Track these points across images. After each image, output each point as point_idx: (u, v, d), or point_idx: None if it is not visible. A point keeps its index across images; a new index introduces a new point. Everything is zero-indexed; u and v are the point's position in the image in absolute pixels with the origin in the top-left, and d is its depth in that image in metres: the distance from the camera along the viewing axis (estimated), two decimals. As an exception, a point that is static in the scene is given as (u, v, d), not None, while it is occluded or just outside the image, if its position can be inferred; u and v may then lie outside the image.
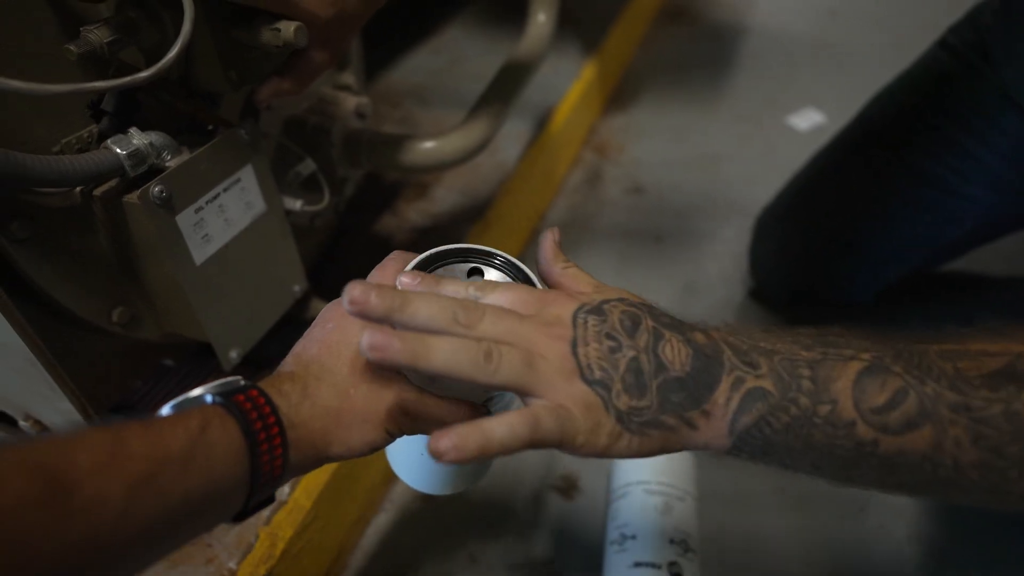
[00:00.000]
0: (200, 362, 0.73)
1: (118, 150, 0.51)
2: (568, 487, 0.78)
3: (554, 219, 1.21)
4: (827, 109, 1.47)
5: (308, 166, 0.68)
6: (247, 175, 0.60)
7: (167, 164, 0.54)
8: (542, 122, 1.20)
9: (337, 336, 0.38)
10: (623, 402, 0.35)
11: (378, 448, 0.38)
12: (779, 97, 1.53)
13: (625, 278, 1.09)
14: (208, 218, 0.57)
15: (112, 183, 0.53)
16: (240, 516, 0.35)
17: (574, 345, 0.36)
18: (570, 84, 1.30)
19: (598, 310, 0.37)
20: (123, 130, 0.53)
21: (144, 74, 0.43)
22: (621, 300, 0.38)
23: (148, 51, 0.52)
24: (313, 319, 0.41)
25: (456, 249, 0.42)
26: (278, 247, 0.66)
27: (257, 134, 0.60)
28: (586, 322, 0.36)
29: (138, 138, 0.52)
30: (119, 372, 0.67)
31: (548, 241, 0.42)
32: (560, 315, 0.37)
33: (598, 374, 0.35)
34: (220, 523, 0.34)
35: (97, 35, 0.48)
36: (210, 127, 0.59)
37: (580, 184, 1.29)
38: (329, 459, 0.37)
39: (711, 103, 1.54)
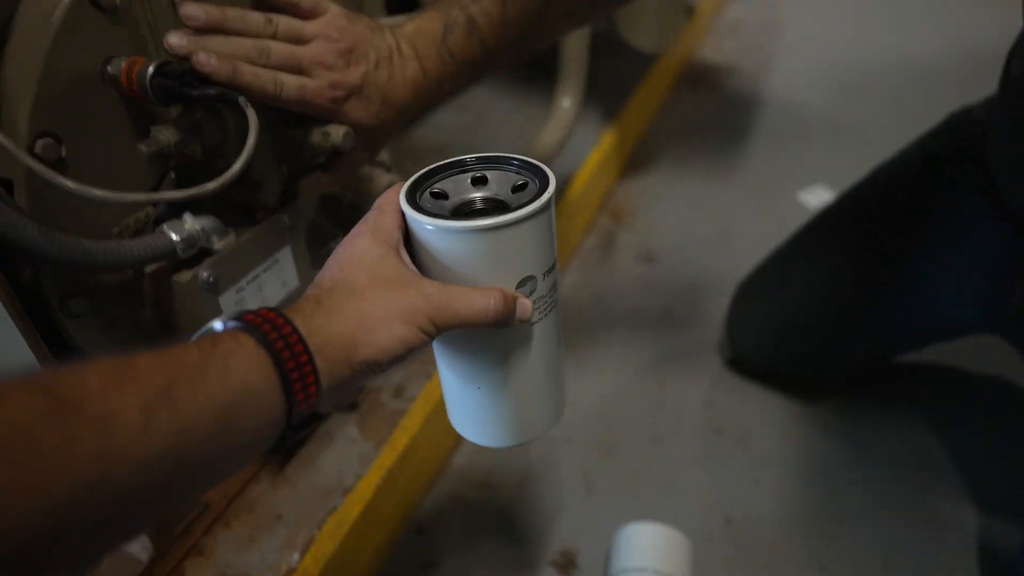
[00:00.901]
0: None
1: (173, 236, 0.55)
2: (567, 563, 0.80)
3: (567, 284, 1.24)
4: (838, 187, 1.51)
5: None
6: (285, 256, 0.64)
7: (214, 246, 0.58)
8: (560, 188, 1.24)
9: (348, 252, 0.39)
10: None
11: (414, 346, 0.37)
12: (792, 172, 1.58)
13: (632, 347, 1.12)
14: (247, 297, 0.61)
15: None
16: (291, 432, 0.34)
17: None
18: (589, 151, 1.35)
19: None
20: (178, 214, 0.57)
21: (211, 186, 0.47)
22: None
23: (209, 147, 0.56)
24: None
25: (455, 160, 0.42)
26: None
27: (297, 218, 0.64)
28: None
29: (191, 223, 0.56)
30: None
31: None
32: None
33: None
34: (265, 442, 0.32)
35: (166, 135, 0.52)
36: (256, 213, 0.63)
37: (594, 249, 1.32)
38: (366, 365, 0.36)
39: (725, 173, 1.58)
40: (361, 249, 0.38)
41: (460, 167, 0.42)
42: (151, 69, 0.49)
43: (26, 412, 0.23)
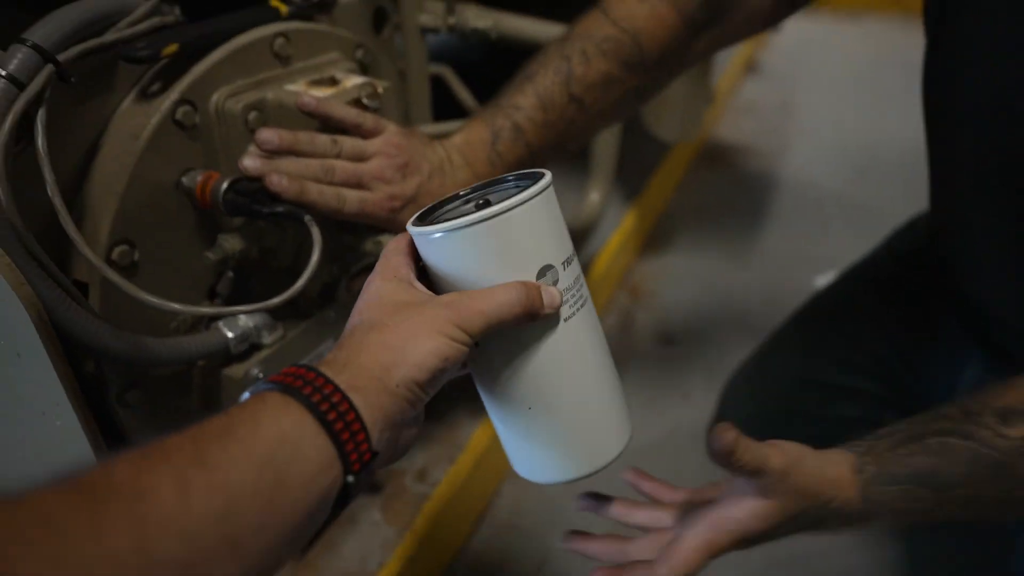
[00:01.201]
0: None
1: (228, 333, 0.58)
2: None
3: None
4: (853, 273, 1.53)
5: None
6: (328, 348, 0.66)
7: (264, 341, 0.61)
8: (584, 267, 1.27)
9: (362, 298, 0.39)
10: None
11: (449, 356, 0.35)
12: (807, 255, 1.61)
13: (647, 428, 1.13)
14: (291, 390, 0.63)
15: (214, 356, 0.60)
16: (358, 481, 0.32)
17: None
18: (611, 232, 1.39)
19: None
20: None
21: (276, 300, 0.50)
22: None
23: (267, 249, 0.59)
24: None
25: (454, 194, 0.42)
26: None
27: (341, 313, 0.67)
28: None
29: (244, 320, 0.59)
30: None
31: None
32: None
33: None
34: (322, 494, 0.30)
35: (231, 244, 0.55)
36: (300, 305, 0.66)
37: (613, 329, 1.35)
38: (406, 386, 0.34)
39: (742, 254, 1.62)
40: (373, 290, 0.38)
41: (461, 197, 0.42)
42: (225, 185, 0.52)
43: (55, 505, 0.23)
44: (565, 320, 0.39)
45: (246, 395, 0.32)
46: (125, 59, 0.50)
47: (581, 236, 0.94)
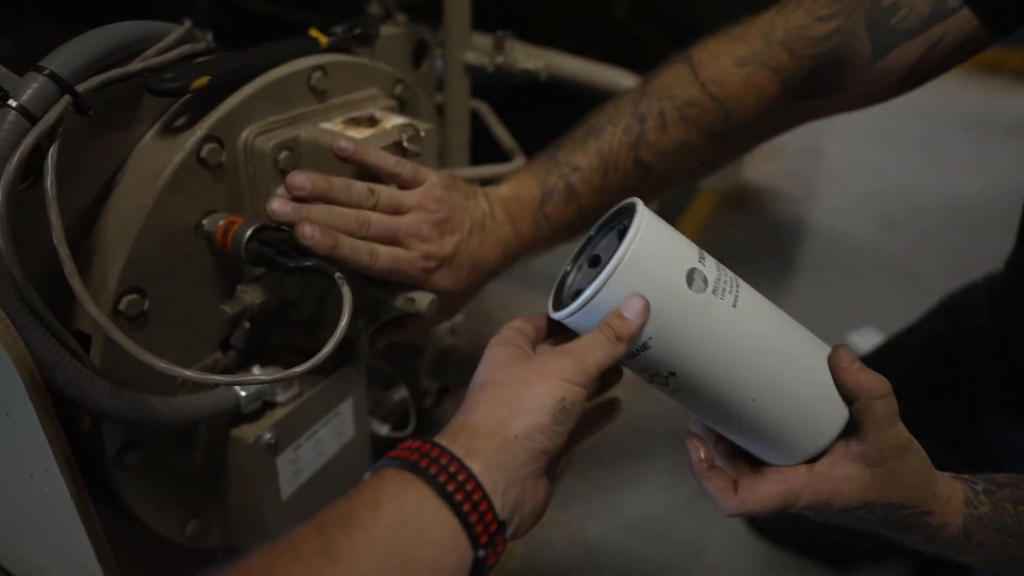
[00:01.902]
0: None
1: (240, 392, 0.52)
2: None
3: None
4: (887, 329, 1.47)
5: (400, 391, 0.69)
6: (346, 407, 0.61)
7: (278, 399, 0.56)
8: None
9: (479, 367, 0.40)
10: None
11: (568, 399, 0.35)
12: (840, 311, 1.55)
13: (676, 477, 1.07)
14: (304, 454, 0.58)
15: (223, 413, 0.55)
16: (488, 553, 0.32)
17: None
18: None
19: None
20: (246, 365, 0.55)
21: (300, 369, 0.45)
22: (862, 508, 0.43)
23: (288, 300, 0.54)
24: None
25: (565, 270, 0.44)
26: (356, 467, 0.66)
27: (362, 370, 0.62)
28: None
29: (258, 376, 0.54)
30: (167, 568, 0.66)
31: None
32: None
33: None
34: (455, 571, 0.31)
35: (251, 296, 0.50)
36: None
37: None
38: (526, 434, 0.34)
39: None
40: (487, 357, 0.40)
41: (573, 268, 0.43)
42: (249, 233, 0.48)
43: None
44: (733, 306, 0.40)
45: (367, 474, 0.33)
46: (151, 91, 0.46)
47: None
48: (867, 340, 1.45)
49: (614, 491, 1.06)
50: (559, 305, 0.41)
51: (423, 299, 0.53)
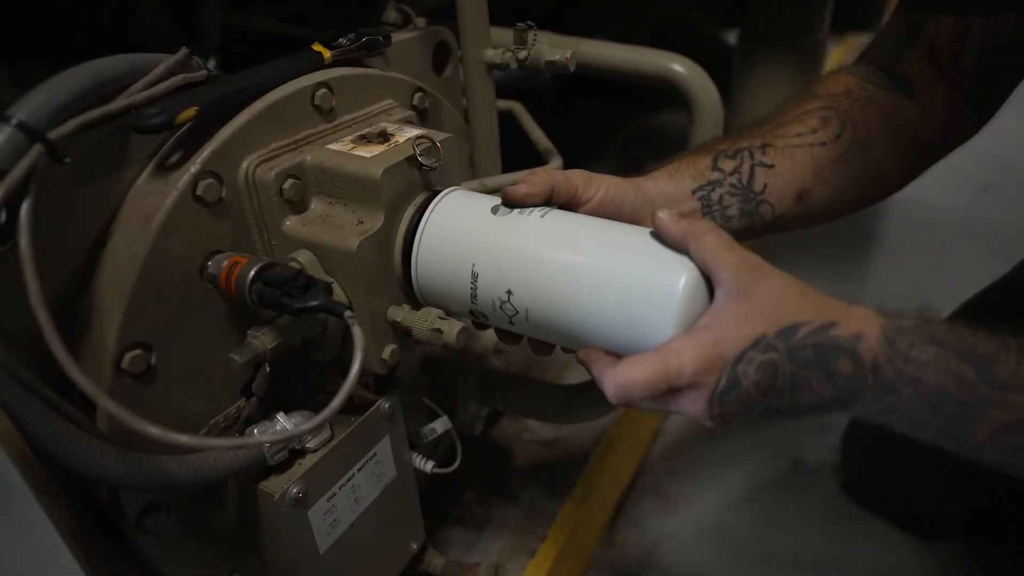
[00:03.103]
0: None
1: (265, 443, 0.48)
2: None
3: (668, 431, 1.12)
4: (987, 309, 1.33)
5: (444, 423, 0.64)
6: (383, 448, 0.56)
7: (307, 445, 0.51)
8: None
9: None
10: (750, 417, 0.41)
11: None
12: (927, 288, 1.41)
13: (742, 464, 0.98)
14: (339, 503, 0.53)
15: (250, 465, 0.51)
16: None
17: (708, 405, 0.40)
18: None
19: (732, 384, 0.39)
20: (269, 413, 0.51)
21: (319, 419, 0.40)
22: (757, 343, 0.39)
23: (310, 340, 0.50)
24: (428, 572, 0.36)
25: None
26: (402, 510, 0.62)
27: (397, 405, 0.57)
28: (722, 403, 0.40)
29: (283, 423, 0.50)
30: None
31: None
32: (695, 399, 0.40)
33: (731, 419, 0.41)
34: None
35: (262, 341, 0.46)
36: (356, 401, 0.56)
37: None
38: None
39: (851, 287, 1.43)
40: None
41: None
42: (251, 274, 0.43)
43: None
44: (542, 218, 0.46)
45: None
46: (134, 129, 0.42)
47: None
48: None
49: (691, 504, 0.98)
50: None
51: (451, 331, 0.48)
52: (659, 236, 0.43)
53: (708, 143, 0.59)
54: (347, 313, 0.42)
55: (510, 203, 0.47)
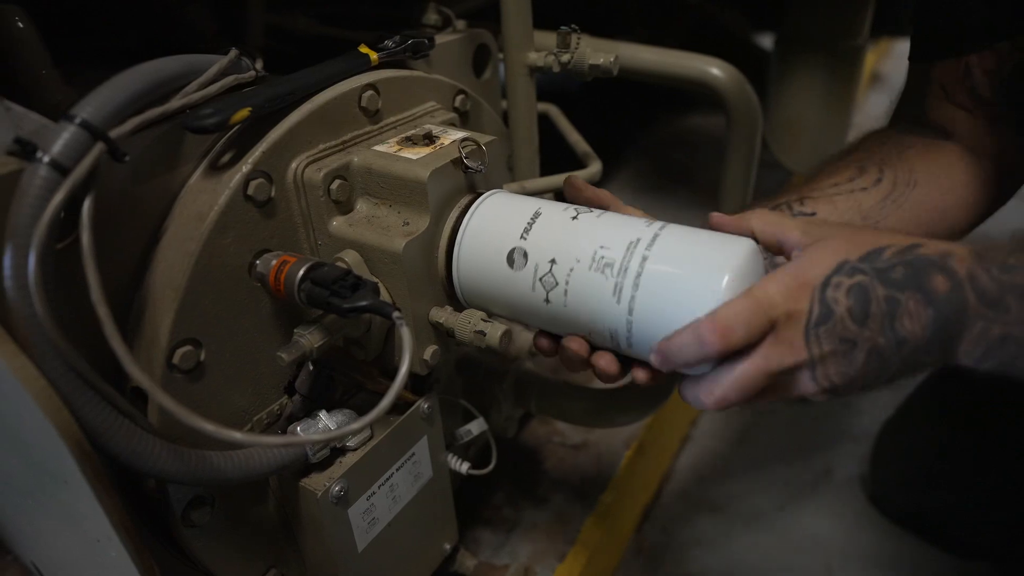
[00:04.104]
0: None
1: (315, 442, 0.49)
2: None
3: (698, 436, 1.11)
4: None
5: (480, 425, 0.64)
6: (421, 448, 0.57)
7: (348, 444, 0.52)
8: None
9: None
10: (859, 384, 0.39)
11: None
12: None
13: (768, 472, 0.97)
14: (378, 502, 0.54)
15: (291, 461, 0.51)
16: None
17: (812, 369, 0.38)
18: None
19: (825, 312, 0.38)
20: (312, 411, 0.52)
21: (364, 420, 0.40)
22: (840, 268, 0.38)
23: (353, 340, 0.50)
24: (459, 573, 0.36)
25: None
26: (437, 510, 0.62)
27: (435, 406, 0.57)
28: (819, 337, 0.38)
29: (325, 422, 0.51)
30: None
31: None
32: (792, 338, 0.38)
33: (837, 380, 0.38)
34: None
35: (309, 340, 0.46)
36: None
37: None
38: None
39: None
40: None
41: None
42: (300, 273, 0.44)
43: None
44: (574, 218, 0.47)
45: None
46: (189, 129, 0.43)
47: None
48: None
49: (719, 511, 0.97)
50: None
51: (495, 333, 0.48)
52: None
53: (744, 207, 0.59)
54: (395, 314, 0.42)
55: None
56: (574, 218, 0.46)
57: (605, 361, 0.44)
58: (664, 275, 0.41)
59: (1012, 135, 0.58)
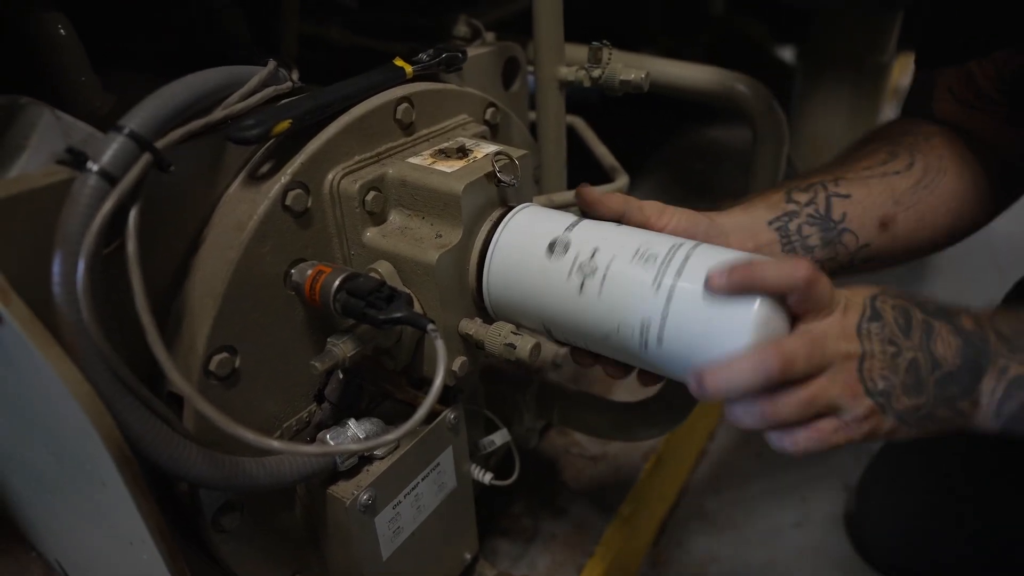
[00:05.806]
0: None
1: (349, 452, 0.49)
2: None
3: (715, 448, 1.11)
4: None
5: (504, 436, 0.65)
6: (446, 458, 0.57)
7: (375, 453, 0.52)
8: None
9: None
10: (902, 404, 0.40)
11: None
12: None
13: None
14: (403, 511, 0.54)
15: (320, 469, 0.52)
16: None
17: (861, 361, 0.40)
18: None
19: (875, 314, 0.40)
20: (340, 419, 0.52)
21: (391, 437, 0.41)
22: (882, 292, 0.41)
23: (383, 350, 0.51)
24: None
25: None
26: (459, 520, 0.62)
27: (461, 416, 0.57)
28: (870, 333, 0.40)
29: (354, 430, 0.51)
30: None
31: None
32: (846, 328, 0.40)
33: (881, 385, 0.40)
34: None
35: (342, 349, 0.47)
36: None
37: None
38: None
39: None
40: None
41: None
42: (336, 283, 0.44)
43: None
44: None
45: None
46: (232, 140, 0.43)
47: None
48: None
49: (735, 527, 0.97)
50: None
51: (525, 346, 0.48)
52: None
53: (775, 185, 0.59)
54: (430, 327, 0.42)
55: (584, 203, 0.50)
56: (618, 224, 0.48)
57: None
58: (708, 269, 0.41)
59: (1020, 134, 0.59)
